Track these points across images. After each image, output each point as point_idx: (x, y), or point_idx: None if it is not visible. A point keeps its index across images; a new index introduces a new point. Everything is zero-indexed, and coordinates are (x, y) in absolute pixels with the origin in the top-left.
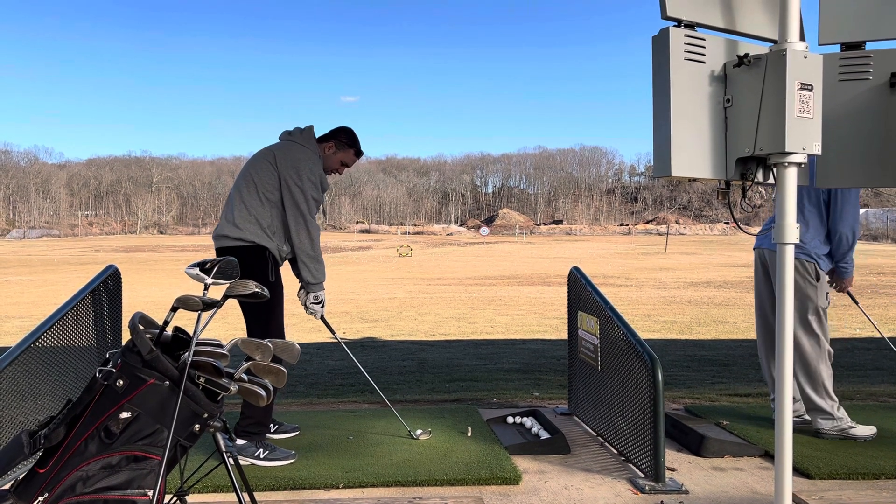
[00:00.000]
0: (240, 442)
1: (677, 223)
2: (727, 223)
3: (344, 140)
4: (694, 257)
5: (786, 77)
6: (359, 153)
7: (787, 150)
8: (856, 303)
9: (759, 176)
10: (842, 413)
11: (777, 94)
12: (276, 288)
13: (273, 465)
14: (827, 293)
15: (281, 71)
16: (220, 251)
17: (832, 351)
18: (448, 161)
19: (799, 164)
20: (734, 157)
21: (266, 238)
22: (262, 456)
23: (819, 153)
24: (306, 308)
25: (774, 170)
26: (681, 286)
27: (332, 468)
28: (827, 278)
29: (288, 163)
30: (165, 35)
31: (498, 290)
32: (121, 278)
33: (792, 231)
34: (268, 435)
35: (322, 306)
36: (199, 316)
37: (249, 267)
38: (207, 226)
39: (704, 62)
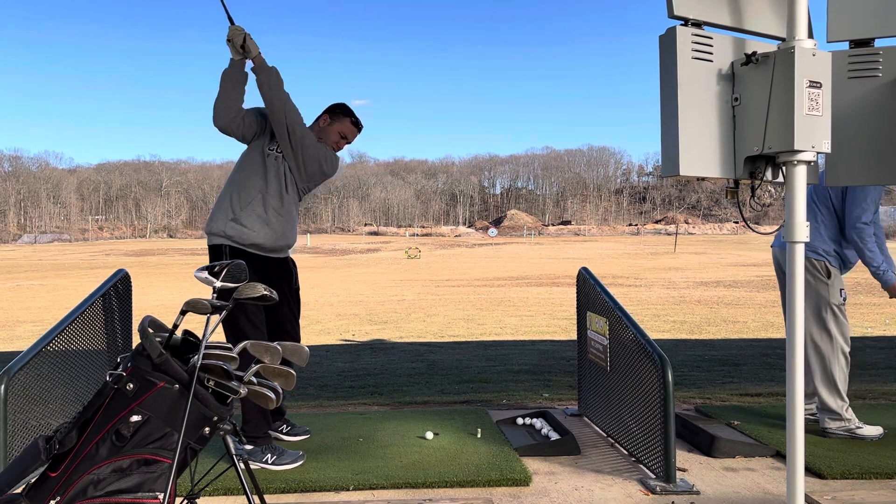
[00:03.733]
0: (247, 447)
1: (686, 223)
2: (736, 222)
3: (338, 111)
4: (703, 257)
5: (794, 75)
6: (357, 124)
7: (795, 148)
8: None
9: (769, 174)
10: (850, 414)
11: (786, 92)
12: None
13: (283, 468)
14: (841, 289)
15: (291, 75)
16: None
17: (848, 351)
18: (456, 162)
19: (808, 163)
20: (743, 156)
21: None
22: (270, 461)
23: (829, 151)
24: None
25: (783, 168)
26: (690, 286)
27: (342, 470)
28: (839, 275)
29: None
30: (172, 39)
31: (506, 291)
32: (130, 282)
33: (802, 229)
34: (280, 436)
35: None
36: (209, 319)
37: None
38: None
39: (712, 61)
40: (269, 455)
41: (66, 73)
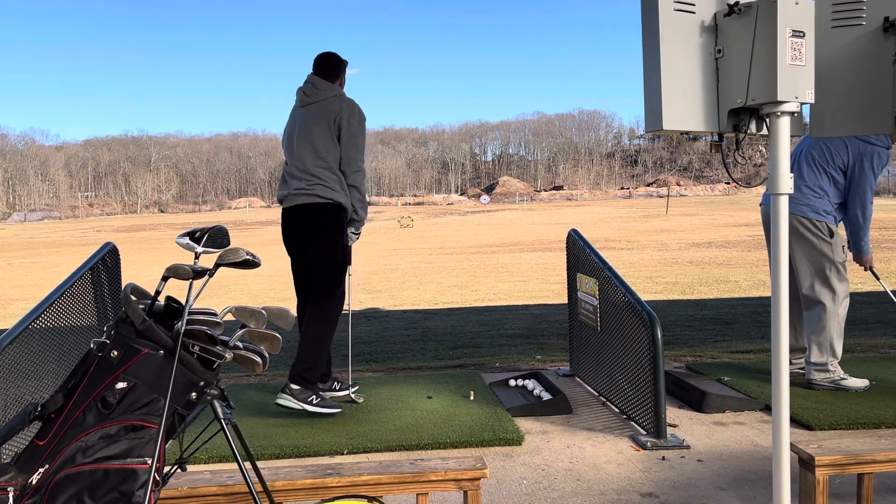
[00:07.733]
0: (294, 386)
1: (678, 185)
2: (727, 183)
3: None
4: (695, 218)
5: (777, 24)
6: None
7: (779, 98)
8: (877, 278)
9: (752, 127)
10: (835, 367)
11: (768, 43)
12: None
13: (322, 411)
14: (843, 246)
15: (279, 45)
16: None
17: (847, 308)
18: (446, 130)
19: (792, 114)
20: (726, 109)
21: None
22: (314, 402)
23: (812, 101)
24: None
25: (767, 120)
26: (682, 247)
27: (336, 435)
28: (841, 233)
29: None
30: (157, 11)
31: (500, 257)
32: (119, 255)
33: (786, 181)
34: (331, 394)
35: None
36: (191, 284)
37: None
38: (208, 203)
39: (694, 12)
40: (313, 397)
41: (47, 46)
